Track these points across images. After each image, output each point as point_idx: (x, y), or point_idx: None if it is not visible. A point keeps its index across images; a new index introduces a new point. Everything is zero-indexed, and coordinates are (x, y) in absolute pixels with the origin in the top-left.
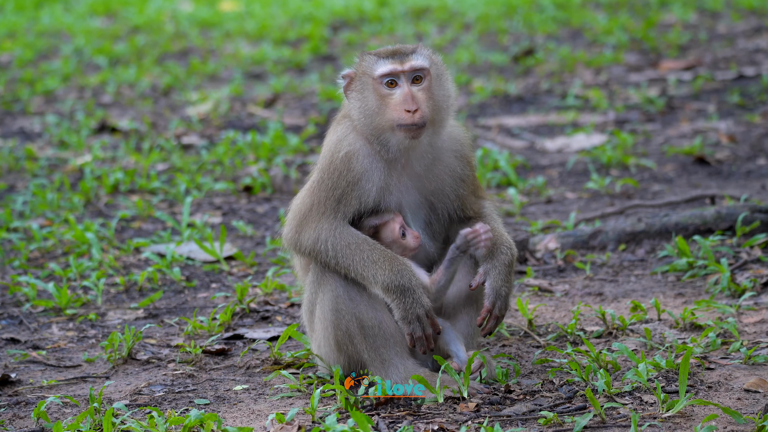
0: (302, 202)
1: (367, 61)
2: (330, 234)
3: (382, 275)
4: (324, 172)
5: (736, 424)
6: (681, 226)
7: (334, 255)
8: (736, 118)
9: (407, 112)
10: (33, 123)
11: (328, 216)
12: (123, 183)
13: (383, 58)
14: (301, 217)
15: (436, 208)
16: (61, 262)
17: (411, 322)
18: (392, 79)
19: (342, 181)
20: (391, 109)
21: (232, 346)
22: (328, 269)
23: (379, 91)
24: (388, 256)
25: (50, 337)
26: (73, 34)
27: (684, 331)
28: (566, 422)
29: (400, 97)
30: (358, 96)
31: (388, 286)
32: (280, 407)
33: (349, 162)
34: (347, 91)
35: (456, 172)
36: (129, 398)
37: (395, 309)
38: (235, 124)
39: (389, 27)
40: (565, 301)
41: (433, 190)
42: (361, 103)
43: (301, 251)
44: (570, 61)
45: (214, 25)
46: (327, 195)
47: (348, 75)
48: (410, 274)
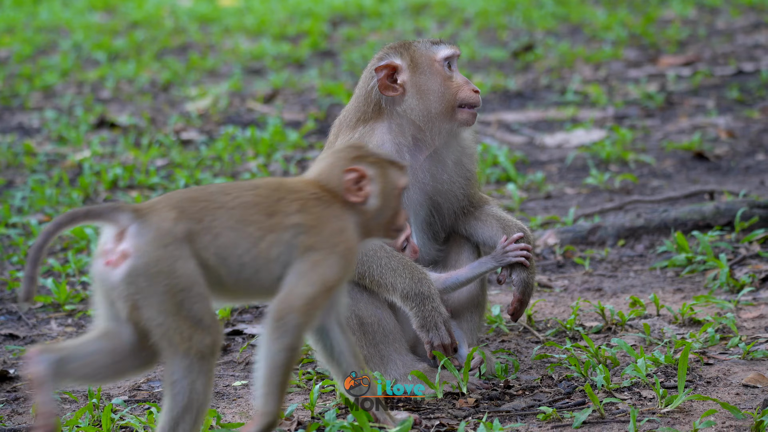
0: None
1: (424, 45)
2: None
3: (402, 283)
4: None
5: (735, 419)
6: (680, 221)
7: None
8: (735, 113)
9: (475, 92)
10: (32, 118)
11: None
12: (122, 178)
13: (438, 44)
14: None
15: (442, 207)
16: (60, 258)
17: (430, 330)
18: (450, 62)
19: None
20: (454, 90)
21: (232, 342)
22: None
23: (443, 74)
24: (407, 263)
25: (49, 333)
26: (72, 29)
27: (683, 327)
28: (565, 417)
29: (462, 78)
30: (415, 81)
31: (407, 294)
32: None
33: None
34: (387, 81)
35: (467, 171)
36: (128, 394)
37: (413, 317)
38: (235, 120)
39: (389, 22)
40: (564, 296)
41: (441, 189)
42: (419, 88)
43: None
44: (569, 56)
45: (214, 21)
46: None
47: (389, 65)
48: (429, 282)
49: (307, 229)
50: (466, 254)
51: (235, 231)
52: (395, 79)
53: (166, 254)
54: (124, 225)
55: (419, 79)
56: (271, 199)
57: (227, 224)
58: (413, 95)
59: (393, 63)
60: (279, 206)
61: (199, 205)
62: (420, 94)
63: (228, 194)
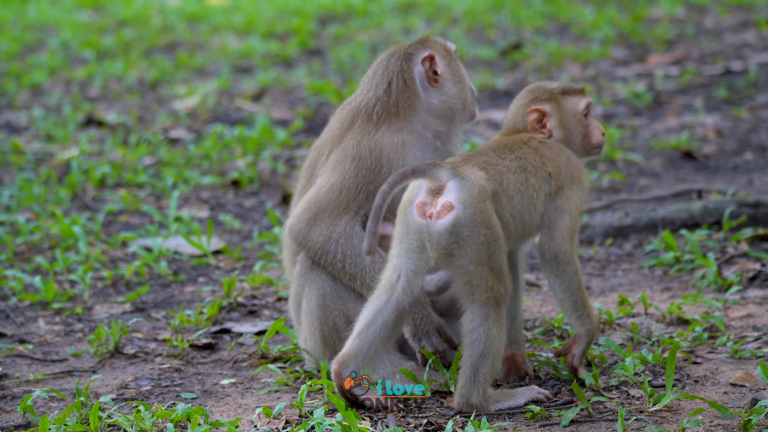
0: (324, 194)
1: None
2: (342, 235)
3: None
4: (361, 160)
5: (723, 418)
6: (668, 220)
7: (342, 259)
8: (723, 112)
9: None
10: (19, 116)
11: (349, 213)
12: (110, 177)
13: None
14: (318, 210)
15: None
16: (47, 256)
17: (422, 338)
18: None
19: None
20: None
21: (219, 341)
22: (328, 271)
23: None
24: None
25: (37, 331)
26: (60, 27)
27: (671, 326)
28: (553, 416)
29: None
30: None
31: None
32: (267, 401)
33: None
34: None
35: None
36: (116, 392)
37: (405, 325)
38: (223, 118)
39: (377, 21)
40: (552, 295)
41: None
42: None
43: (307, 247)
44: (557, 55)
45: (202, 19)
46: (358, 188)
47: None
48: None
49: (553, 174)
50: None
51: (520, 194)
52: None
53: (486, 207)
54: (443, 180)
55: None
56: (528, 161)
57: (515, 188)
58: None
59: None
60: (533, 164)
61: (495, 169)
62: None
63: (502, 158)
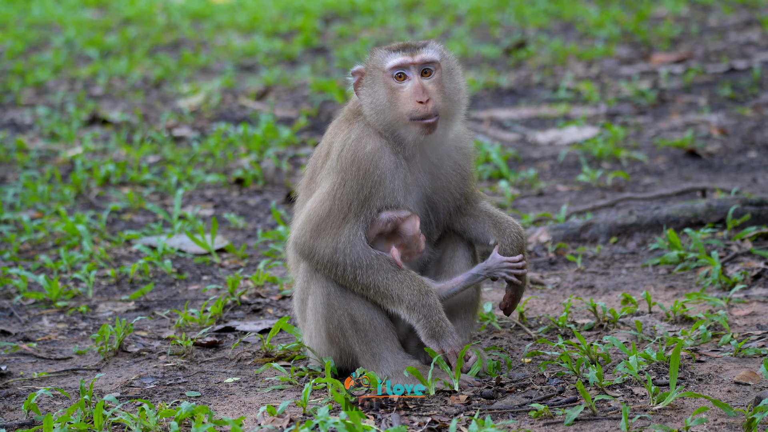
0: (320, 205)
1: (378, 54)
2: (348, 245)
3: (409, 295)
4: (347, 172)
5: (727, 417)
6: (672, 218)
7: (353, 270)
8: (727, 111)
9: (419, 103)
10: (24, 115)
11: (349, 221)
12: (114, 175)
13: (394, 51)
14: (318, 221)
15: (438, 207)
16: (51, 254)
17: (440, 339)
18: (402, 72)
19: (368, 180)
20: (402, 101)
21: (224, 339)
22: (339, 283)
23: (390, 85)
24: (413, 276)
25: (41, 330)
26: (64, 25)
27: (675, 324)
28: (557, 415)
29: (411, 89)
30: (369, 91)
31: (414, 305)
32: (271, 399)
33: (375, 160)
34: (358, 88)
35: (463, 170)
36: (120, 391)
37: (420, 329)
38: (227, 117)
39: (381, 19)
40: (556, 293)
41: (438, 188)
42: (372, 98)
43: (315, 260)
44: (562, 53)
45: (206, 17)
46: (351, 197)
47: (358, 71)
48: (434, 294)
49: None
50: (461, 254)
51: None
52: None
53: None
54: None
55: (371, 89)
56: None
57: None
58: (368, 105)
59: (359, 69)
60: None
61: None
62: (372, 106)
63: None
